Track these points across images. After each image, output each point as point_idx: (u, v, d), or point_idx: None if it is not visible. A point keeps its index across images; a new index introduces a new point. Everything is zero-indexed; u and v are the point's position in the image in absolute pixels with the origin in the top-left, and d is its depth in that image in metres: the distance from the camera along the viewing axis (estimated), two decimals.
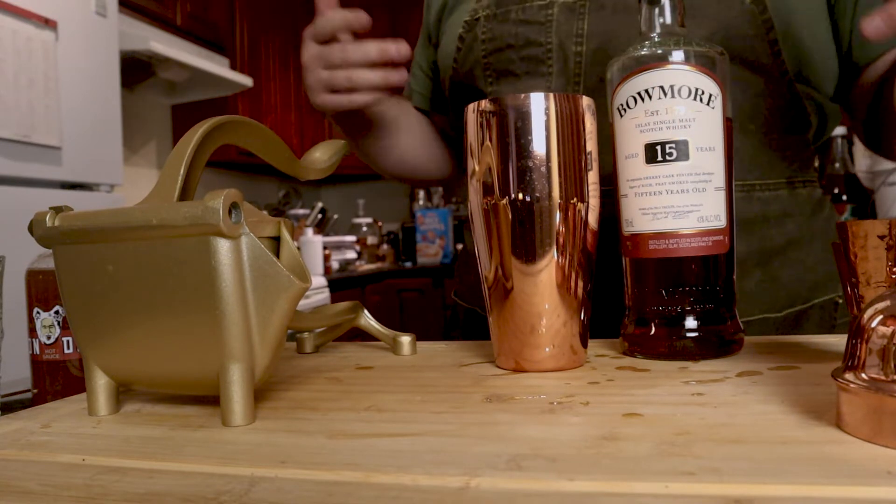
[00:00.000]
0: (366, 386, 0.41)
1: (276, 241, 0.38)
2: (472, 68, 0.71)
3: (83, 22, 1.72)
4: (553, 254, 0.42)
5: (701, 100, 0.44)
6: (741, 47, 0.60)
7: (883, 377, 0.26)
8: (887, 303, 0.27)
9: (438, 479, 0.25)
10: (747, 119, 0.62)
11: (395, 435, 0.31)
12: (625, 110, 0.46)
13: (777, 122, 0.63)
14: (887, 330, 0.26)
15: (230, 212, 0.32)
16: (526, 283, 0.42)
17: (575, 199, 0.42)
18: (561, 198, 0.42)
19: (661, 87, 0.44)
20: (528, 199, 0.42)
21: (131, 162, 2.66)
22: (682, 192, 0.44)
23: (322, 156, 0.49)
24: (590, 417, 0.32)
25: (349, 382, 0.43)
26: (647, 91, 0.45)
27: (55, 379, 0.49)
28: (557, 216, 0.42)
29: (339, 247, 3.39)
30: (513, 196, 0.42)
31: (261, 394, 0.40)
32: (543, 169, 0.42)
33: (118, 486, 0.26)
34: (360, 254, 3.56)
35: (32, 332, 0.49)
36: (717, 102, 0.45)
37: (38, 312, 0.49)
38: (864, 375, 0.27)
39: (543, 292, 0.42)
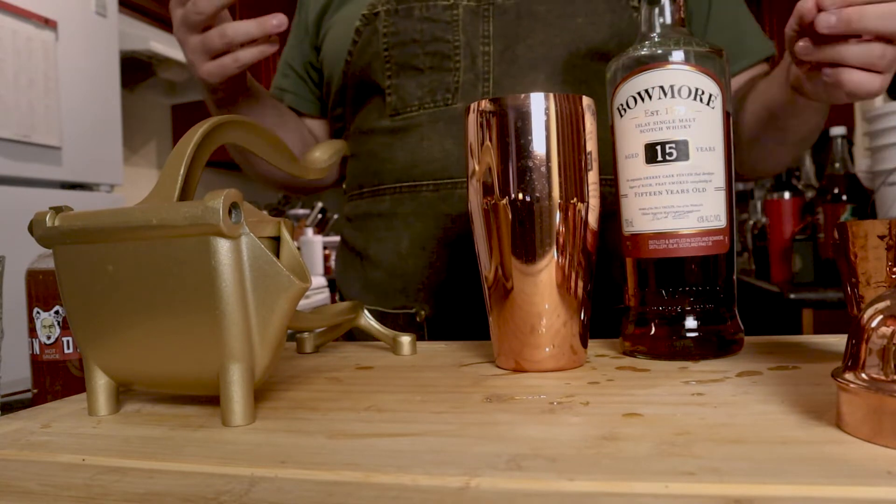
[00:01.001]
0: (366, 386, 0.41)
1: (276, 241, 0.38)
2: (371, 61, 0.72)
3: (83, 22, 1.72)
4: (553, 254, 0.42)
5: (701, 100, 0.44)
6: None
7: (883, 377, 0.26)
8: (887, 303, 0.27)
9: (438, 479, 0.25)
10: None
11: (395, 435, 0.31)
12: (625, 110, 0.46)
13: None
14: (887, 330, 0.26)
15: (230, 212, 0.32)
16: (526, 283, 0.42)
17: (575, 199, 0.42)
18: (561, 198, 0.42)
19: (661, 87, 0.44)
20: (528, 199, 0.42)
21: (131, 162, 2.66)
22: (682, 192, 0.44)
23: (322, 156, 0.49)
24: (590, 417, 0.32)
25: (349, 382, 0.43)
26: (647, 91, 0.45)
27: (55, 379, 0.49)
28: (557, 216, 0.42)
29: None
30: (513, 196, 0.42)
31: (261, 394, 0.40)
32: (543, 169, 0.42)
33: (118, 486, 0.26)
34: None
35: (32, 332, 0.49)
36: (717, 102, 0.45)
37: (38, 312, 0.49)
38: (864, 375, 0.27)
39: (543, 292, 0.42)
